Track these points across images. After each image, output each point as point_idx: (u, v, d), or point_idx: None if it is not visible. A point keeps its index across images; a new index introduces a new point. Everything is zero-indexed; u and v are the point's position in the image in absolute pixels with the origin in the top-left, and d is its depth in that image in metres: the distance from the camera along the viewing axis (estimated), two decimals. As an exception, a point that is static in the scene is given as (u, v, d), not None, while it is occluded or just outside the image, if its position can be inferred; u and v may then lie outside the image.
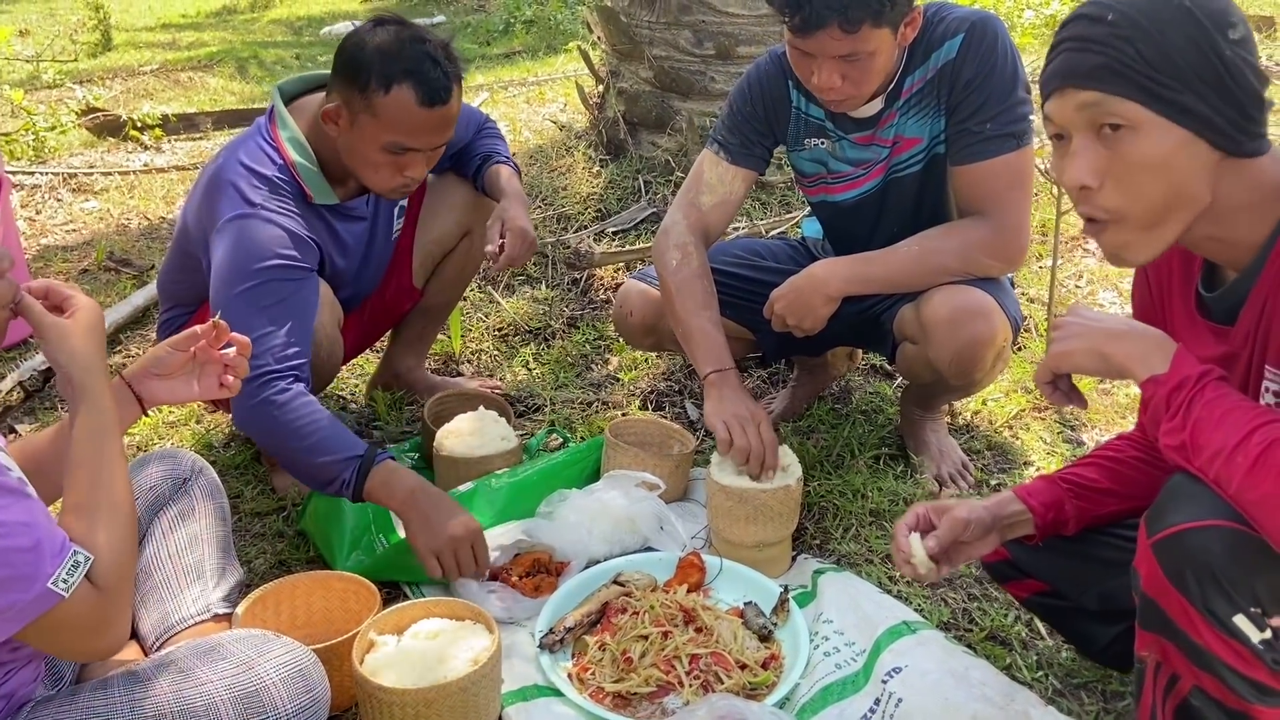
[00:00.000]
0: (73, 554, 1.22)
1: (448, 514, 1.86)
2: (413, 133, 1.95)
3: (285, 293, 1.94)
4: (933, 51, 2.00)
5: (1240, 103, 1.18)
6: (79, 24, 9.01)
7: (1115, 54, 1.18)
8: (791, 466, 2.07)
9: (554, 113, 5.13)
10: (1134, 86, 1.18)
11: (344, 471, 1.86)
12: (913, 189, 2.13)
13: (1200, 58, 1.17)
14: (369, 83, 1.90)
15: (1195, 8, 1.17)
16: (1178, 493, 1.22)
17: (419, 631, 1.66)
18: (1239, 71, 1.17)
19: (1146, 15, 1.18)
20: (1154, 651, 1.27)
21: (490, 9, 9.73)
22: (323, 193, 2.05)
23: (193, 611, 1.68)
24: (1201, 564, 1.16)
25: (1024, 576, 1.64)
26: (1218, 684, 1.20)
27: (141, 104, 6.05)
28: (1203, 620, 1.17)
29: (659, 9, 3.55)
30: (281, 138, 2.04)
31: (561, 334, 3.05)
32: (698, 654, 1.75)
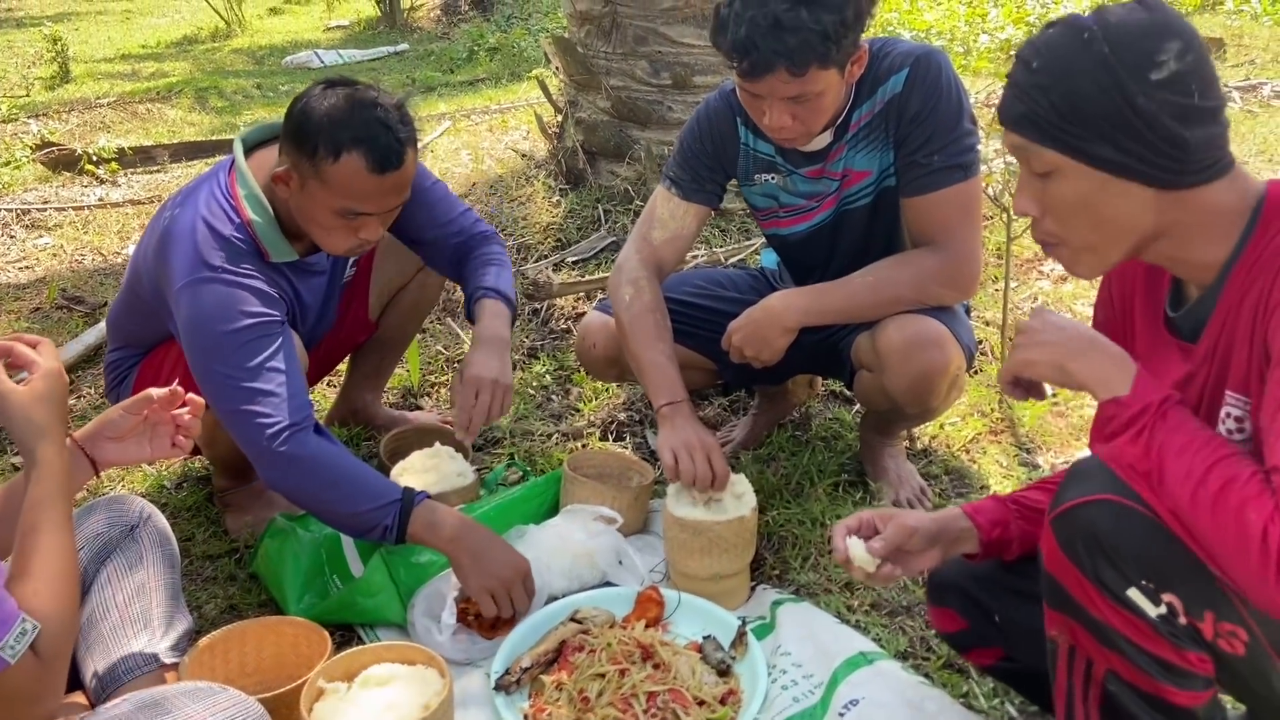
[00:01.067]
0: (20, 621, 1.23)
1: (497, 552, 1.89)
2: (364, 199, 1.90)
3: (268, 348, 1.90)
4: (879, 86, 2.02)
5: (1159, 148, 1.19)
6: (36, 56, 8.92)
7: (1033, 104, 1.23)
8: (746, 496, 2.06)
9: (516, 140, 5.14)
10: (1049, 136, 1.22)
11: (385, 517, 1.84)
12: (864, 220, 2.15)
13: (1111, 107, 1.18)
14: (317, 150, 1.85)
15: (1113, 54, 1.18)
16: (1077, 473, 1.27)
17: (369, 677, 1.64)
18: (1154, 119, 1.17)
19: (1063, 64, 1.20)
20: (1064, 632, 1.30)
21: (454, 37, 9.75)
22: (280, 251, 2.00)
23: (140, 661, 1.64)
24: (1089, 535, 1.21)
25: (985, 645, 1.61)
26: (1126, 664, 1.23)
27: (98, 137, 6.00)
28: (1097, 592, 1.21)
29: (615, 40, 3.57)
30: (240, 194, 1.98)
31: (521, 365, 3.04)
32: (655, 691, 1.73)
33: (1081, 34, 1.20)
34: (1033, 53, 1.24)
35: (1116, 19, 1.20)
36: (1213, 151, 1.21)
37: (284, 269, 2.04)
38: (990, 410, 2.65)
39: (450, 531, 1.86)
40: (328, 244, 2.00)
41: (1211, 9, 7.76)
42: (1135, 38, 1.18)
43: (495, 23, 9.73)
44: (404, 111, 1.93)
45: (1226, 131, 1.22)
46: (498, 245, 2.32)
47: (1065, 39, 1.22)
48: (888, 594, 2.03)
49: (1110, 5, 1.23)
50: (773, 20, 1.80)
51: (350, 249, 2.00)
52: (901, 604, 2.00)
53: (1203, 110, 1.18)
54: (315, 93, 1.91)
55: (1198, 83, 1.18)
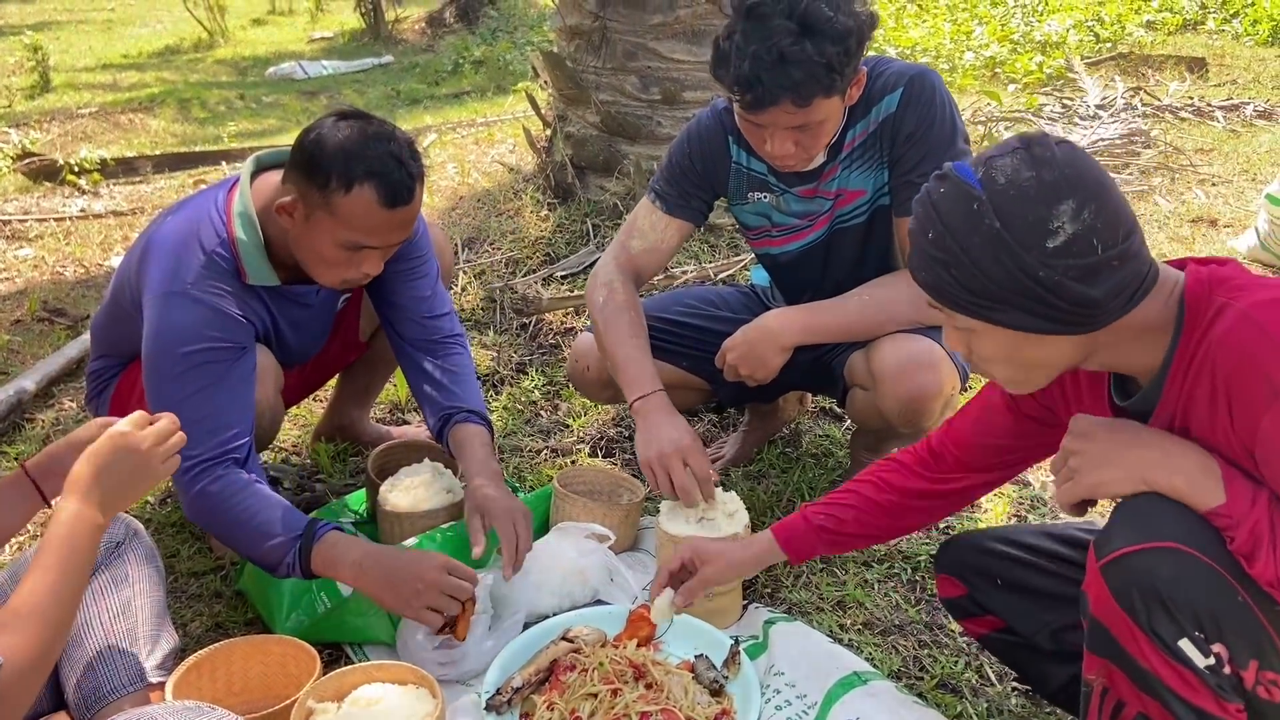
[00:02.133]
0: None
1: (405, 566, 1.82)
2: (372, 232, 1.88)
3: (215, 375, 1.87)
4: (873, 106, 2.02)
5: (1068, 310, 1.18)
6: (16, 65, 8.85)
7: (937, 277, 1.23)
8: (739, 514, 2.05)
9: (503, 154, 5.13)
10: (958, 304, 1.23)
11: (286, 555, 1.81)
12: (858, 238, 2.15)
13: (1012, 281, 1.17)
14: (330, 181, 1.82)
15: (1005, 228, 1.16)
16: (1127, 515, 1.23)
17: (359, 698, 1.61)
18: (1056, 285, 1.16)
19: (959, 240, 1.19)
20: (1100, 676, 1.28)
21: (439, 49, 9.75)
22: (259, 274, 1.97)
23: (124, 680, 1.61)
24: (1147, 585, 1.17)
25: (982, 613, 1.64)
26: (1163, 711, 1.21)
27: (80, 147, 5.94)
28: (1149, 643, 1.18)
29: (605, 55, 3.57)
30: (233, 211, 1.96)
31: (510, 380, 3.03)
32: (648, 711, 1.71)
33: (971, 203, 1.18)
34: (926, 218, 1.23)
35: (1004, 181, 1.17)
36: (1126, 292, 1.19)
37: (260, 293, 2.01)
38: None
39: (352, 565, 1.81)
40: (326, 276, 1.96)
41: (1193, 29, 7.86)
42: (1024, 205, 1.16)
43: (480, 35, 9.74)
44: (414, 148, 1.91)
45: (1138, 260, 1.19)
46: (468, 354, 2.26)
47: (956, 207, 1.20)
48: (880, 613, 2.02)
49: (996, 158, 1.20)
50: (777, 55, 1.80)
51: (347, 282, 1.97)
52: (894, 623, 2.00)
53: (1108, 261, 1.16)
54: (328, 124, 1.88)
55: (1099, 235, 1.16)
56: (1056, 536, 1.62)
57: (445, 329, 2.23)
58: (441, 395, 2.16)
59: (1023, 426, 1.54)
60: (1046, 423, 1.52)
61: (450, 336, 2.23)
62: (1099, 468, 1.25)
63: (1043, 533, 1.64)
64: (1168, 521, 1.19)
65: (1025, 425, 1.53)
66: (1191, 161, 4.81)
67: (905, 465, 1.65)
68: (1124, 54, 6.95)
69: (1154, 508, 1.21)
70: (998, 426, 1.56)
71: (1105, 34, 7.50)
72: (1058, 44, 7.22)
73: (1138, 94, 5.78)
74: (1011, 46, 7.16)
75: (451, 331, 2.24)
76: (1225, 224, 4.12)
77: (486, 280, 3.44)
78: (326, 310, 2.22)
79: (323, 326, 2.26)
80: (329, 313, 2.24)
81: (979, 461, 1.60)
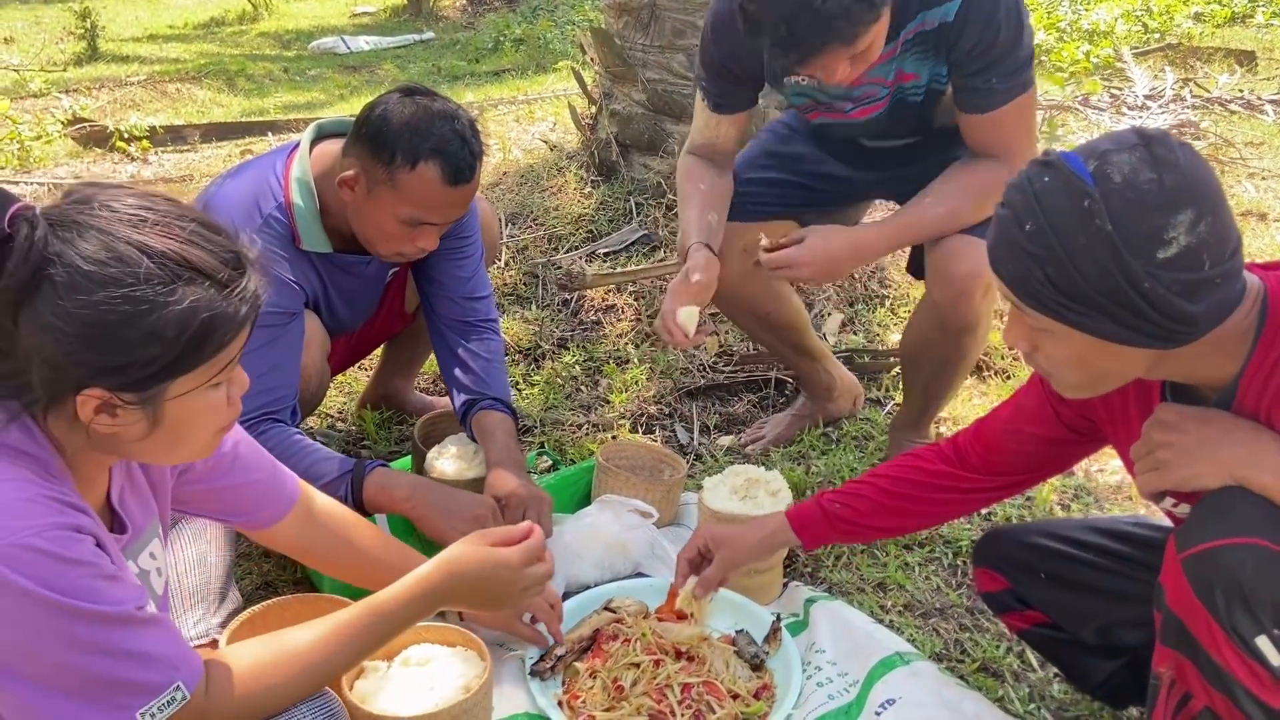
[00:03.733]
0: (173, 688, 1.14)
1: (459, 497, 1.90)
2: (433, 209, 1.91)
3: (264, 339, 1.89)
4: (929, 7, 1.96)
5: (1162, 324, 1.12)
6: (65, 32, 8.96)
7: (1025, 272, 1.15)
8: (781, 493, 2.07)
9: (544, 131, 5.14)
10: (1043, 305, 1.16)
11: (338, 490, 1.85)
12: (916, 113, 2.15)
13: (1114, 289, 1.10)
14: (394, 157, 1.85)
15: (1116, 232, 1.09)
16: (1211, 509, 1.20)
17: (409, 658, 1.64)
18: (1160, 299, 1.10)
19: (1061, 237, 1.11)
20: (1171, 668, 1.26)
21: (479, 26, 9.75)
22: (313, 240, 2.00)
23: (194, 634, 1.67)
24: (1230, 580, 1.15)
25: (1024, 607, 1.64)
26: (1230, 706, 1.19)
27: (128, 115, 6.01)
28: (1226, 639, 1.16)
29: (653, 32, 3.56)
30: (292, 175, 1.99)
31: (551, 355, 3.04)
32: (689, 683, 1.73)
33: (1082, 200, 1.10)
34: (1026, 209, 1.15)
35: (1121, 180, 1.09)
36: (1222, 309, 1.14)
37: (313, 258, 2.04)
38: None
39: (405, 492, 1.89)
40: (383, 249, 1.99)
41: (1242, 21, 7.71)
42: (1141, 210, 1.08)
43: (521, 13, 9.72)
44: (476, 126, 1.94)
45: (1238, 277, 1.14)
46: (500, 341, 2.29)
47: (1062, 202, 1.11)
48: (921, 596, 2.03)
49: (1112, 152, 1.11)
50: (812, 11, 1.74)
51: (402, 255, 2.01)
52: (935, 606, 2.00)
53: (1212, 278, 1.10)
54: (393, 100, 1.90)
55: (1210, 251, 1.09)
56: (1104, 531, 1.60)
57: (482, 312, 2.25)
58: (470, 380, 2.19)
59: (1057, 435, 1.51)
60: (1084, 435, 1.50)
61: (486, 320, 2.26)
62: (1189, 462, 1.21)
63: (1088, 527, 1.63)
64: (1254, 517, 1.17)
65: (1060, 434, 1.51)
66: (1241, 155, 4.74)
67: (927, 460, 1.64)
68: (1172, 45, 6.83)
69: (1240, 503, 1.18)
70: (1030, 433, 1.53)
71: (1154, 24, 7.38)
72: (1105, 33, 7.11)
73: (1186, 85, 5.68)
74: (1058, 34, 7.06)
75: (487, 316, 2.26)
76: (1275, 218, 4.06)
77: (529, 256, 3.45)
78: (375, 282, 2.25)
79: (371, 297, 2.28)
80: (378, 285, 2.26)
81: (1001, 466, 1.58)
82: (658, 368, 2.92)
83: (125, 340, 1.08)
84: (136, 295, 1.07)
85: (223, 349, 1.15)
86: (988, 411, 1.62)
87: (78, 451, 1.16)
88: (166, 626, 1.18)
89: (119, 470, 1.27)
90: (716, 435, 2.69)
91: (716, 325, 3.04)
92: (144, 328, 1.08)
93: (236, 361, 1.19)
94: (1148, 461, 1.26)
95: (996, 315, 3.10)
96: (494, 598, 1.43)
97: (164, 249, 1.09)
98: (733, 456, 2.56)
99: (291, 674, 1.25)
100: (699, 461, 2.56)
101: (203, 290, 1.11)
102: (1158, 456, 1.24)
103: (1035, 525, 1.71)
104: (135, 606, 1.13)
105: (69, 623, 1.06)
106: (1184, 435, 1.23)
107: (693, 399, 2.83)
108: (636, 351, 3.00)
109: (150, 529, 1.33)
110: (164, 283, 1.08)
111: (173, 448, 1.20)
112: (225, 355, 1.16)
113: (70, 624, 1.06)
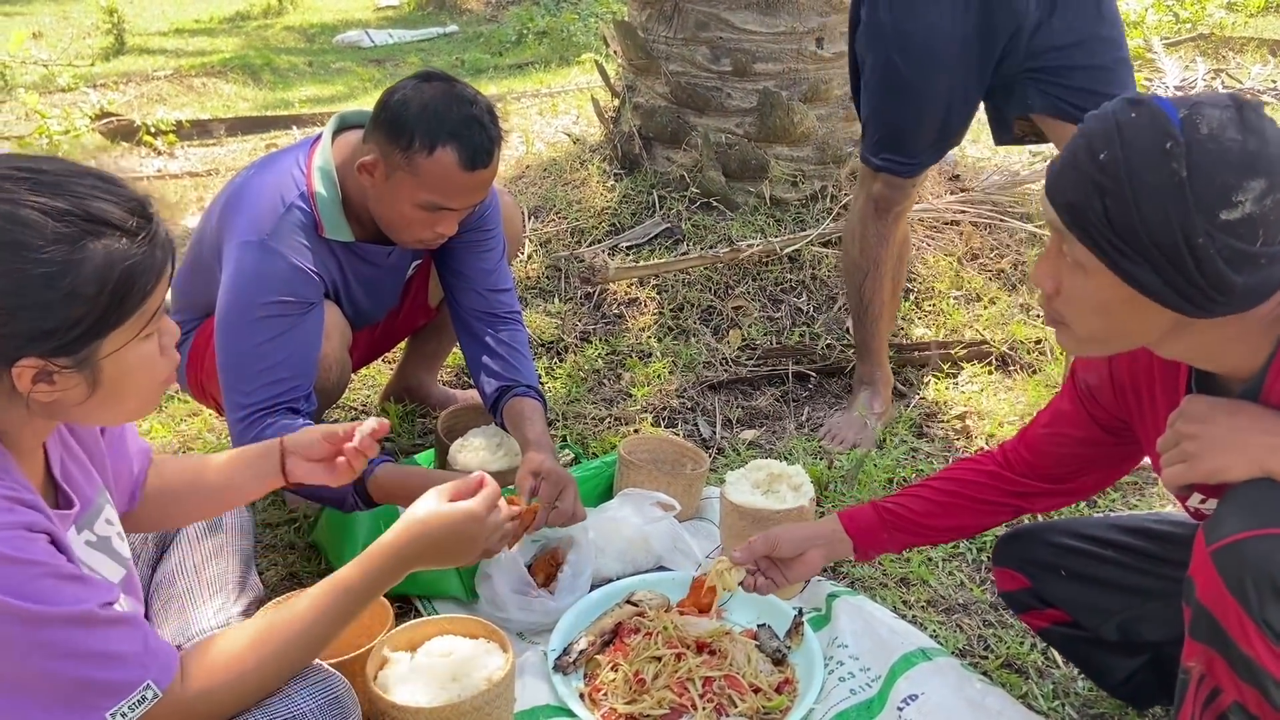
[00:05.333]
0: (143, 687, 1.13)
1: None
2: (451, 194, 1.91)
3: (281, 328, 1.92)
4: None
5: (1201, 289, 1.11)
6: (92, 27, 9.04)
7: (1085, 201, 1.14)
8: (804, 487, 2.06)
9: (567, 125, 5.14)
10: (1091, 238, 1.15)
11: (345, 492, 1.86)
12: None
13: (1168, 237, 1.09)
14: (412, 142, 1.86)
15: (1190, 181, 1.07)
16: (1240, 500, 1.18)
17: (432, 649, 1.65)
18: (1208, 260, 1.09)
19: (1132, 174, 1.10)
20: (1200, 662, 1.24)
21: (503, 19, 9.76)
22: (336, 229, 2.01)
23: (213, 624, 1.67)
24: (1262, 572, 1.12)
25: (1044, 606, 1.63)
26: (1261, 700, 1.17)
27: (155, 109, 6.06)
28: (1257, 631, 1.14)
29: (677, 25, 3.55)
30: (314, 165, 2.01)
31: (574, 348, 3.05)
32: (711, 676, 1.73)
33: (1164, 141, 1.09)
34: (1104, 139, 1.13)
35: (1207, 134, 1.08)
36: (1261, 291, 1.13)
37: (334, 247, 2.05)
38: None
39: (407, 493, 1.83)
40: (402, 235, 2.00)
41: (1276, 11, 7.60)
42: (1220, 166, 1.08)
43: (544, 7, 9.72)
44: (494, 112, 1.94)
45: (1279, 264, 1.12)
46: (525, 332, 2.30)
47: (1144, 140, 1.10)
48: (945, 592, 2.02)
49: (1205, 105, 1.11)
50: None
51: (424, 242, 2.01)
52: (958, 602, 1.99)
53: (1260, 255, 1.09)
54: (411, 85, 1.91)
55: (1268, 226, 1.09)
56: (1125, 527, 1.59)
57: (506, 304, 2.26)
58: (500, 367, 2.20)
59: (1093, 436, 1.50)
60: (1119, 435, 1.48)
61: (511, 312, 2.26)
62: (1218, 453, 1.19)
63: (1109, 524, 1.62)
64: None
65: (1096, 435, 1.50)
66: (1274, 147, 4.68)
67: (979, 463, 1.64)
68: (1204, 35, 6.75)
69: (1269, 493, 1.16)
70: (1069, 435, 1.53)
71: (1185, 14, 7.28)
72: (1136, 23, 7.02)
73: (1218, 76, 5.61)
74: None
75: (511, 307, 2.27)
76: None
77: (551, 249, 3.45)
78: (397, 274, 2.25)
79: (392, 289, 2.29)
80: (399, 276, 2.27)
81: (1047, 470, 1.57)
82: (680, 361, 2.92)
83: (47, 304, 1.08)
84: (47, 258, 1.06)
85: (147, 297, 1.14)
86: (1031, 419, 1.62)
87: (19, 426, 1.16)
88: (133, 624, 1.16)
89: (54, 444, 1.27)
90: (739, 429, 2.68)
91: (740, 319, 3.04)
92: (63, 289, 1.07)
93: (163, 310, 1.19)
94: (1174, 454, 1.23)
95: (1022, 309, 3.07)
96: (461, 552, 1.40)
97: (67, 207, 1.08)
98: (755, 451, 2.56)
99: (270, 656, 1.24)
100: (720, 456, 2.55)
101: (115, 242, 1.10)
102: (1184, 449, 1.22)
103: (1055, 523, 1.69)
104: (99, 604, 1.12)
105: (28, 627, 1.05)
106: (1211, 426, 1.20)
107: (715, 393, 2.82)
108: (659, 345, 3.00)
109: (99, 498, 1.33)
110: (73, 241, 1.08)
111: (117, 406, 1.20)
112: (151, 304, 1.15)
113: (30, 628, 1.05)
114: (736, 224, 3.39)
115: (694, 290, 3.16)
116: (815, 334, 3.02)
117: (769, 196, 3.45)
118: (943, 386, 2.79)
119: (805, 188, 3.49)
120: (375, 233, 2.06)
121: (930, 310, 3.13)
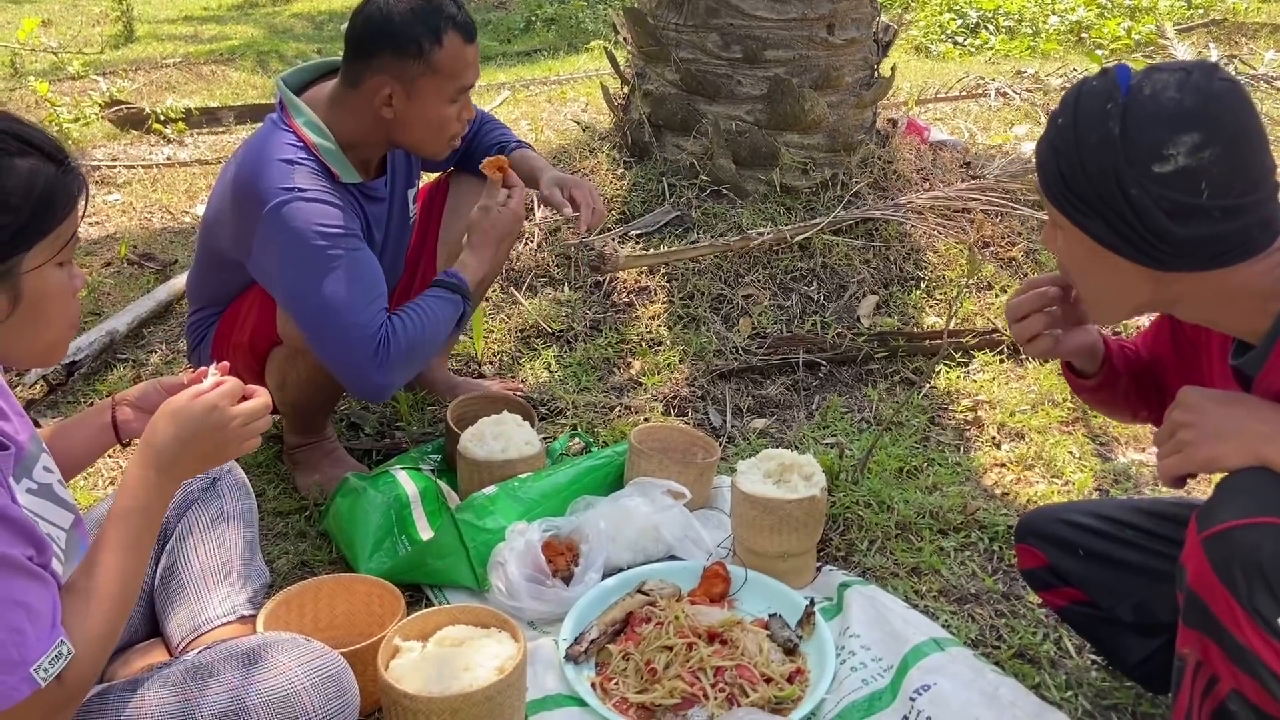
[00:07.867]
0: (58, 644, 1.17)
1: None
2: (465, 71, 2.07)
3: (355, 249, 2.01)
4: None
5: (1145, 239, 1.18)
6: (102, 15, 9.03)
7: (1045, 160, 1.26)
8: (815, 476, 2.05)
9: (576, 112, 5.12)
10: (1053, 196, 1.26)
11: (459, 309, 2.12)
12: None
13: (1107, 189, 1.18)
14: (421, 46, 1.99)
15: (1122, 137, 1.16)
16: (1232, 489, 1.20)
17: (444, 638, 1.65)
18: (1145, 210, 1.16)
19: (1078, 133, 1.20)
20: (1195, 650, 1.26)
21: (511, 7, 9.72)
22: (347, 172, 2.09)
23: (219, 612, 1.67)
24: (1250, 560, 1.15)
25: (1062, 584, 1.63)
26: (1257, 687, 1.19)
27: (164, 96, 6.06)
28: (1247, 618, 1.16)
29: (687, 11, 3.52)
30: (298, 124, 2.06)
31: (584, 337, 3.04)
32: (723, 666, 1.73)
33: (1106, 103, 1.18)
34: (1064, 106, 1.24)
35: (1148, 94, 1.16)
36: (1217, 247, 1.18)
37: (353, 191, 2.11)
38: (1063, 400, 2.61)
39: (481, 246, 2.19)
40: (439, 142, 2.14)
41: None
42: (1151, 123, 1.15)
43: (553, -7, 9.69)
44: None
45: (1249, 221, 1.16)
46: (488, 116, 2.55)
47: (1093, 103, 1.20)
48: (956, 581, 2.01)
49: (1159, 70, 1.19)
50: None
51: (455, 139, 2.15)
52: (970, 592, 1.99)
53: (1209, 209, 1.14)
54: (377, 6, 2.02)
55: (1211, 181, 1.14)
56: (1144, 511, 1.59)
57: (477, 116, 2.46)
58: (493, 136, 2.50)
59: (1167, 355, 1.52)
60: (1190, 363, 1.48)
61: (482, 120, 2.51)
62: (1212, 442, 1.21)
63: (1129, 507, 1.62)
64: (1275, 497, 1.16)
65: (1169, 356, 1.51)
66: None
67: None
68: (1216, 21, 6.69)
69: (1261, 482, 1.17)
70: (1161, 342, 1.55)
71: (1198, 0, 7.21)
72: (1148, 9, 6.97)
73: (1231, 62, 5.56)
74: (1099, 10, 6.93)
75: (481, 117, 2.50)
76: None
77: (561, 238, 3.44)
78: (404, 209, 2.35)
79: (402, 225, 2.37)
80: (405, 212, 2.36)
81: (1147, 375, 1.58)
82: (690, 350, 2.91)
83: None
84: None
85: (66, 218, 1.23)
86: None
87: None
88: (51, 589, 1.20)
89: None
90: (749, 418, 2.68)
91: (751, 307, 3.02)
92: None
93: (75, 243, 1.27)
94: (1170, 445, 1.26)
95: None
96: (216, 445, 1.34)
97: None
98: (765, 440, 2.55)
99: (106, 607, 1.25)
100: (731, 444, 2.55)
101: (38, 161, 1.20)
102: (1180, 438, 1.24)
103: (1077, 504, 1.70)
104: (24, 555, 1.16)
105: None
106: (1206, 416, 1.22)
107: (725, 381, 2.82)
108: (669, 334, 2.99)
109: (34, 445, 1.35)
110: (3, 154, 1.17)
111: (34, 331, 1.25)
112: (68, 227, 1.24)
113: None
114: (747, 212, 3.38)
115: (704, 278, 3.15)
116: (826, 322, 3.00)
117: (779, 184, 3.44)
118: (954, 375, 2.78)
119: (816, 175, 3.47)
120: (376, 170, 2.21)
121: (941, 299, 3.12)
